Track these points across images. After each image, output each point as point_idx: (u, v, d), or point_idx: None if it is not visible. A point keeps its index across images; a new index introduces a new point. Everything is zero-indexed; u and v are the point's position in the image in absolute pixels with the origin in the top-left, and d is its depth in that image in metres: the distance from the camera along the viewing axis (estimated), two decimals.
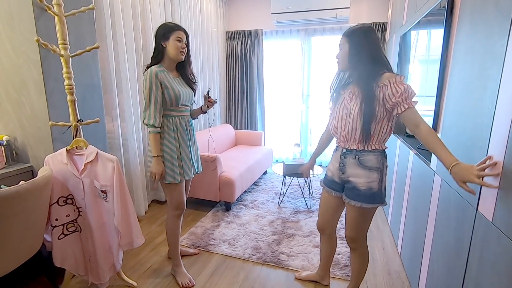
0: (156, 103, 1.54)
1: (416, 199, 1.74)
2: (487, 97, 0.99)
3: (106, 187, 1.53)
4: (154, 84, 1.52)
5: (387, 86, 1.22)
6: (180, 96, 1.61)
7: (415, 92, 1.22)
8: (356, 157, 1.35)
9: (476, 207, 1.02)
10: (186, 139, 1.70)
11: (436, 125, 1.48)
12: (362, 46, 1.28)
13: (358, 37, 1.29)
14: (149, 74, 1.53)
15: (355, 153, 1.35)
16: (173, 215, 1.75)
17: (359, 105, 1.28)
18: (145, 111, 1.57)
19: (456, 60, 1.28)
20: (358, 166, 1.35)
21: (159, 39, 1.58)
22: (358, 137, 1.31)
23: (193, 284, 1.77)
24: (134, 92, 2.49)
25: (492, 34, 0.99)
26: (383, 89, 1.23)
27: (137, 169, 2.53)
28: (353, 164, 1.37)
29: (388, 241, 2.27)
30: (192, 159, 1.75)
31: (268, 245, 2.16)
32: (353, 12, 3.78)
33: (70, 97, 1.51)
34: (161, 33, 1.58)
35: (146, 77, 1.54)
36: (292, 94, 4.29)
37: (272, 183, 3.52)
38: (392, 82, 1.22)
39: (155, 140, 1.57)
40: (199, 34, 3.52)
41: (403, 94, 1.20)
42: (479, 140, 1.02)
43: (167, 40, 1.56)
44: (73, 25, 1.68)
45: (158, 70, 1.55)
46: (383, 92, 1.23)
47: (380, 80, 1.24)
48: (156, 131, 1.56)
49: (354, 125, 1.31)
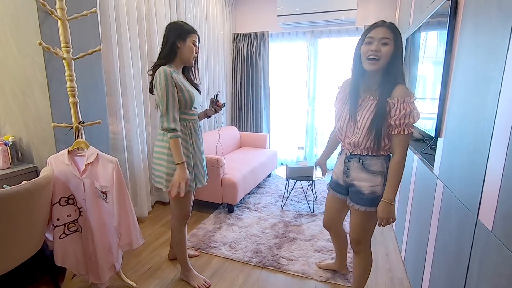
0: (174, 105, 1.45)
1: (420, 204, 1.70)
2: (489, 100, 0.95)
3: (106, 188, 1.55)
4: (170, 84, 1.42)
5: (394, 104, 1.20)
6: (194, 98, 1.55)
7: (419, 115, 1.19)
8: (360, 161, 1.34)
9: (476, 214, 0.98)
10: (199, 144, 1.65)
11: (439, 129, 1.44)
12: (401, 50, 1.20)
13: (400, 37, 1.21)
14: (163, 74, 1.41)
15: (359, 158, 1.34)
16: (180, 224, 1.70)
17: (371, 117, 1.24)
18: (163, 116, 1.44)
19: (459, 62, 1.25)
20: (362, 170, 1.34)
21: (174, 38, 1.48)
22: (369, 146, 1.28)
23: (209, 284, 1.76)
24: (138, 94, 2.51)
25: (494, 35, 0.95)
26: (390, 105, 1.21)
27: (141, 170, 2.56)
28: (357, 168, 1.35)
29: (392, 247, 2.22)
30: (204, 166, 1.71)
31: (269, 248, 2.14)
32: (360, 14, 3.74)
33: (72, 99, 1.54)
34: (177, 32, 1.49)
35: (159, 77, 1.41)
36: (298, 96, 4.26)
37: (276, 186, 3.50)
38: (401, 102, 1.19)
39: (178, 146, 1.46)
40: (205, 37, 3.54)
41: (403, 119, 1.18)
42: (480, 145, 0.99)
43: (183, 41, 1.50)
44: (77, 29, 1.71)
45: (171, 70, 1.45)
46: (389, 107, 1.21)
47: (392, 93, 1.21)
48: (177, 136, 1.45)
49: (364, 136, 1.27)
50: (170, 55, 1.50)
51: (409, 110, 1.18)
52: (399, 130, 1.21)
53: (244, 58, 4.25)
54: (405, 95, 1.19)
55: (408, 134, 1.21)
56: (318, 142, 4.28)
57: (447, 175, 1.29)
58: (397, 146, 1.22)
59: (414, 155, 1.91)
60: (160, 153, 1.57)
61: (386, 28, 1.20)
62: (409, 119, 1.19)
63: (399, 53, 1.20)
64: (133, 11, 2.39)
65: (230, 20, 4.18)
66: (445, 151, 1.34)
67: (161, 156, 1.56)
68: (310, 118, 4.23)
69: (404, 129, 1.20)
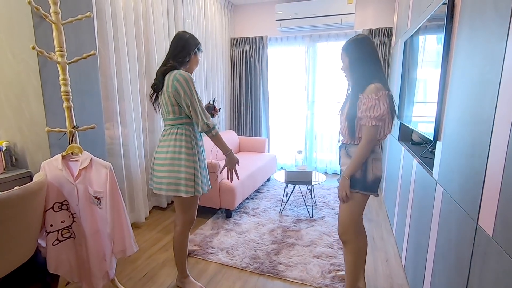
0: (202, 105, 1.54)
1: (419, 209, 1.67)
2: (487, 103, 0.93)
3: (99, 193, 1.52)
4: (194, 86, 1.51)
5: (361, 99, 1.39)
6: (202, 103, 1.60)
7: (380, 112, 1.35)
8: (345, 148, 1.55)
9: (476, 220, 0.96)
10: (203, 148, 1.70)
11: (437, 133, 1.42)
12: (356, 60, 1.45)
13: (352, 50, 1.46)
14: (189, 77, 1.48)
15: (345, 146, 1.55)
16: (185, 230, 1.69)
17: (346, 111, 1.49)
18: (202, 116, 1.50)
19: (456, 65, 1.23)
20: (346, 156, 1.54)
21: (193, 48, 1.60)
22: (348, 135, 1.50)
23: None
24: (135, 99, 2.50)
25: (491, 38, 0.94)
26: (359, 100, 1.41)
27: (138, 175, 2.53)
28: (344, 155, 1.56)
29: (392, 252, 2.19)
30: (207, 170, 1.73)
31: (267, 254, 2.11)
32: (358, 18, 3.74)
33: (67, 103, 1.52)
34: (196, 44, 1.62)
35: (184, 80, 1.46)
36: (297, 100, 4.25)
37: (275, 190, 3.47)
38: (366, 97, 1.38)
39: (222, 138, 1.58)
40: (204, 41, 3.55)
41: (368, 112, 1.37)
42: (479, 148, 0.97)
43: (195, 54, 1.63)
44: (73, 33, 1.71)
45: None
46: (359, 102, 1.41)
47: (363, 92, 1.40)
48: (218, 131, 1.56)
49: (344, 126, 1.52)
50: (184, 61, 1.59)
51: (371, 105, 1.35)
52: (365, 122, 1.39)
53: (243, 62, 4.25)
54: (372, 92, 1.36)
55: (373, 126, 1.37)
56: (317, 146, 4.26)
57: (446, 179, 1.27)
58: (363, 135, 1.41)
59: (414, 159, 1.88)
60: (174, 158, 1.52)
61: (341, 50, 1.53)
62: (373, 112, 1.35)
63: (355, 61, 1.45)
64: (130, 16, 2.39)
65: (229, 24, 4.19)
66: (444, 154, 1.31)
67: (176, 162, 1.52)
68: (309, 122, 4.22)
69: (369, 121, 1.37)
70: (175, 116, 1.54)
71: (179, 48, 1.57)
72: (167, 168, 1.53)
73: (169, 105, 1.53)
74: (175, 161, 1.52)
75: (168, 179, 1.53)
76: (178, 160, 1.52)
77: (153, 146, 2.81)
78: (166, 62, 1.56)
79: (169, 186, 1.54)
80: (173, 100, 1.51)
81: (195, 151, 1.56)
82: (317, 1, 3.64)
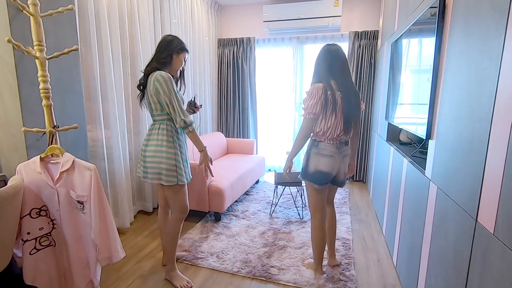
0: (180, 103, 1.64)
1: (411, 209, 1.68)
2: (485, 99, 0.93)
3: (83, 197, 1.43)
4: (174, 85, 1.62)
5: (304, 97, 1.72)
6: (183, 102, 1.73)
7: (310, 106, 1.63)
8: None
9: (475, 217, 0.95)
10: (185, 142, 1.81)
11: (430, 132, 1.42)
12: (314, 65, 1.76)
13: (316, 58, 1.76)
14: (167, 77, 1.59)
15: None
16: (178, 219, 1.78)
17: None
18: (179, 113, 1.61)
19: (450, 63, 1.24)
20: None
21: (173, 49, 1.70)
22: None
23: (191, 285, 1.80)
24: (120, 100, 2.40)
25: (487, 33, 0.94)
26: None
27: (122, 178, 2.43)
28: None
29: (383, 252, 2.19)
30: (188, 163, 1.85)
31: (258, 258, 2.05)
32: (345, 20, 3.79)
33: (46, 101, 1.42)
34: (177, 46, 1.71)
35: (163, 81, 1.58)
36: (285, 102, 4.25)
37: (264, 193, 3.42)
38: (305, 95, 1.69)
39: (198, 136, 1.69)
40: (190, 42, 3.47)
41: (302, 106, 1.70)
42: (477, 145, 0.96)
43: (177, 54, 1.72)
44: (53, 27, 1.61)
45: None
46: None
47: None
48: (195, 128, 1.66)
49: None
50: (165, 62, 1.69)
51: (304, 99, 1.68)
52: (302, 114, 1.70)
53: (230, 63, 4.20)
54: (309, 90, 1.67)
55: (305, 119, 1.67)
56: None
57: (441, 178, 1.27)
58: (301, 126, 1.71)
59: (404, 158, 1.89)
60: (157, 151, 1.66)
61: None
62: (304, 106, 1.67)
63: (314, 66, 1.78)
64: (114, 15, 2.29)
65: (215, 25, 4.14)
66: (438, 153, 1.32)
67: (159, 154, 1.65)
68: (297, 124, 4.21)
69: (303, 114, 1.68)
70: (158, 113, 1.68)
71: (161, 50, 1.70)
72: (151, 159, 1.67)
73: (152, 103, 1.67)
74: (157, 153, 1.66)
75: (152, 169, 1.67)
76: (160, 152, 1.65)
77: (138, 148, 2.71)
78: (150, 64, 1.70)
79: (153, 175, 1.68)
80: (154, 99, 1.64)
81: (176, 144, 1.69)
82: (304, 3, 3.66)
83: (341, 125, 1.65)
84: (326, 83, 1.63)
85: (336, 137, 1.67)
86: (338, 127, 1.65)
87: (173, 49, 1.70)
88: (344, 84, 1.66)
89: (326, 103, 1.61)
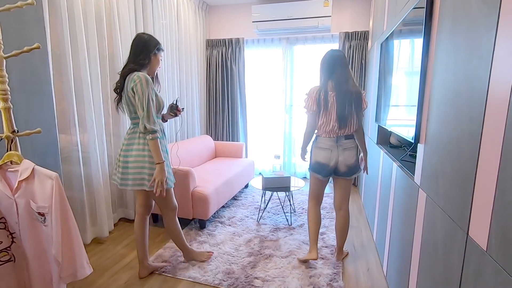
0: (153, 108, 1.58)
1: (401, 216, 1.59)
2: (475, 100, 0.84)
3: (44, 208, 1.31)
4: (151, 88, 1.57)
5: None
6: (163, 103, 1.72)
7: (307, 104, 1.88)
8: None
9: (466, 230, 0.86)
10: (167, 145, 1.78)
11: (418, 135, 1.34)
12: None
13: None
14: (144, 79, 1.54)
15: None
16: (173, 216, 1.83)
17: None
18: (144, 117, 1.54)
19: (438, 62, 1.16)
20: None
21: (152, 49, 1.65)
22: None
23: (212, 253, 2.09)
24: (97, 101, 2.28)
25: (476, 29, 0.86)
26: None
27: (100, 184, 2.30)
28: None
29: (374, 260, 2.10)
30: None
31: (242, 268, 1.95)
32: (335, 21, 3.72)
33: (4, 104, 1.30)
34: (155, 45, 1.67)
35: (139, 81, 1.54)
36: (275, 104, 4.16)
37: (253, 197, 3.32)
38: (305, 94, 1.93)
39: (158, 146, 1.58)
40: (176, 42, 3.37)
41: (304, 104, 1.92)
42: (466, 150, 0.87)
43: (154, 54, 1.68)
44: (16, 25, 1.49)
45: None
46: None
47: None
48: (157, 137, 1.57)
49: None
50: (145, 63, 1.65)
51: (305, 99, 1.92)
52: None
53: (219, 65, 4.10)
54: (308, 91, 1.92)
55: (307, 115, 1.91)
56: (295, 150, 4.17)
57: (429, 185, 1.18)
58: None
59: (393, 162, 1.81)
60: (139, 156, 1.61)
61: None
62: (304, 103, 1.91)
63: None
64: (90, 11, 2.18)
65: (203, 26, 4.04)
66: (426, 158, 1.23)
67: (141, 159, 1.61)
68: (287, 126, 4.12)
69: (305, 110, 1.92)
70: (136, 115, 1.62)
71: (138, 51, 1.64)
72: (132, 165, 1.61)
73: (130, 105, 1.62)
74: (139, 158, 1.60)
75: (133, 175, 1.61)
76: (142, 157, 1.60)
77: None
78: (127, 65, 1.64)
79: (134, 182, 1.62)
80: (132, 100, 1.59)
81: (161, 146, 1.63)
82: (294, 3, 3.58)
83: (333, 120, 1.83)
84: (324, 84, 1.86)
85: (331, 131, 1.85)
86: (331, 122, 1.84)
87: (151, 49, 1.66)
88: (340, 85, 1.82)
89: (319, 102, 1.83)
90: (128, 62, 1.66)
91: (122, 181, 1.65)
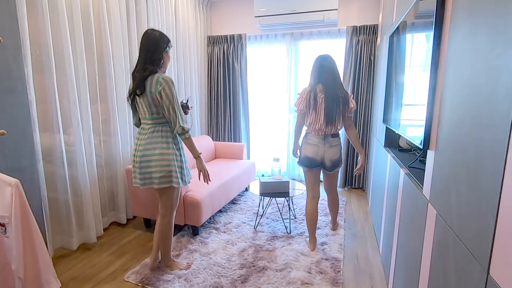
0: (181, 109, 1.64)
1: (408, 229, 1.39)
2: (499, 97, 0.65)
3: (3, 218, 1.18)
4: (176, 89, 1.60)
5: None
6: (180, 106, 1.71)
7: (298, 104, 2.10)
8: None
9: (487, 268, 0.66)
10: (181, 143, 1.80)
11: (427, 140, 1.13)
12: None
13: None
14: (171, 81, 1.58)
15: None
16: (172, 217, 1.81)
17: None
18: (179, 119, 1.60)
19: (451, 52, 0.95)
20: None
21: (165, 47, 1.63)
22: None
23: (192, 262, 1.98)
24: (84, 100, 2.16)
25: (498, 10, 0.66)
26: None
27: (87, 187, 2.19)
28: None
29: (378, 276, 1.89)
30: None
31: (232, 282, 1.78)
32: (341, 15, 3.50)
33: None
34: (166, 42, 1.64)
35: (166, 84, 1.56)
36: (279, 103, 3.97)
37: (252, 202, 3.15)
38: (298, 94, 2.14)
39: (194, 142, 1.69)
40: (175, 39, 3.23)
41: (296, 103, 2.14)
42: (488, 163, 0.68)
43: (166, 52, 1.65)
44: None
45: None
46: None
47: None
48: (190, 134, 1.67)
49: None
50: (160, 63, 1.62)
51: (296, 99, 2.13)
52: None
53: (221, 62, 3.95)
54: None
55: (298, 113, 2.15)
56: None
57: (440, 201, 0.98)
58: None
59: (400, 169, 1.60)
60: (164, 154, 1.63)
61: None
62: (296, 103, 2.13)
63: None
64: (76, 5, 2.06)
65: (205, 22, 3.89)
66: (437, 168, 1.03)
67: (166, 157, 1.63)
68: (291, 127, 3.93)
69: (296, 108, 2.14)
70: (158, 116, 1.64)
71: (152, 50, 1.60)
72: (157, 163, 1.62)
73: (152, 106, 1.61)
74: (164, 156, 1.63)
75: (160, 173, 1.62)
76: (167, 155, 1.63)
77: (109, 153, 2.47)
78: (144, 67, 1.59)
79: (161, 179, 1.64)
80: (156, 102, 1.59)
81: (179, 146, 1.71)
82: None
83: (321, 120, 2.03)
84: (313, 86, 2.06)
85: (319, 129, 2.05)
86: (318, 121, 2.04)
87: (164, 47, 1.63)
88: (328, 88, 2.03)
89: (309, 102, 2.04)
90: (143, 63, 1.60)
91: (145, 180, 1.66)
